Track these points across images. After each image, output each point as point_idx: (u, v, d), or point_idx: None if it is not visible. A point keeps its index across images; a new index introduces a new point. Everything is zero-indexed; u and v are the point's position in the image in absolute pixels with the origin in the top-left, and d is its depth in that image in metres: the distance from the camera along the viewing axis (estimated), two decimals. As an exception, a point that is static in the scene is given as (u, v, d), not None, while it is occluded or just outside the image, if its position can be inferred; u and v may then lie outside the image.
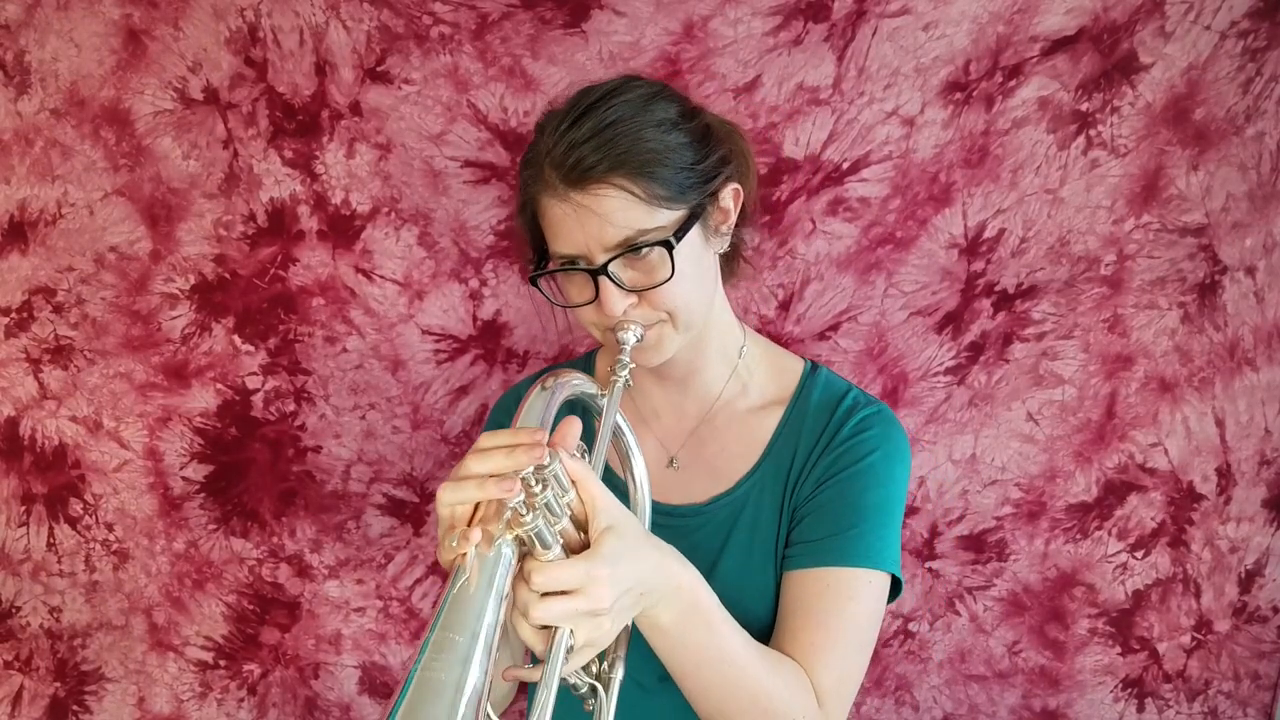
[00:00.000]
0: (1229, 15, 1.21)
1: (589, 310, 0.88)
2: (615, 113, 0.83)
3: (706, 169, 0.87)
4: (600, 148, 0.81)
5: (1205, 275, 1.30)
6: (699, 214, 0.87)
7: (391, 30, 1.22)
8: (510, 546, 0.65)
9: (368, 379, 1.35)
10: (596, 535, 0.70)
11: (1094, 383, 1.34)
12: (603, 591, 0.67)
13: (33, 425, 1.35)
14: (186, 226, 1.29)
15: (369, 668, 1.45)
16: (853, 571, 0.91)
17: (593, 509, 0.71)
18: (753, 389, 1.02)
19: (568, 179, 0.82)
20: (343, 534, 1.40)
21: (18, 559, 1.39)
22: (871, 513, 0.93)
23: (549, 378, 0.79)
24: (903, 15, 1.21)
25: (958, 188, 1.27)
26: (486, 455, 0.67)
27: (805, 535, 0.95)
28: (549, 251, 0.89)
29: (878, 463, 0.95)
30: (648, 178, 0.82)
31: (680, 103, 0.89)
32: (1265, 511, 1.39)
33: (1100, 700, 1.46)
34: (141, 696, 1.44)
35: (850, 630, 0.90)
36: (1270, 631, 1.44)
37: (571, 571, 0.66)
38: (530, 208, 0.89)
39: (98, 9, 1.22)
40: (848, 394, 1.00)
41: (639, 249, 0.83)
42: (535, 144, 0.88)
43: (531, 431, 0.69)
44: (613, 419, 0.82)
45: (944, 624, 1.44)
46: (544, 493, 0.66)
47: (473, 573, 0.63)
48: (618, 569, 0.68)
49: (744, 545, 0.98)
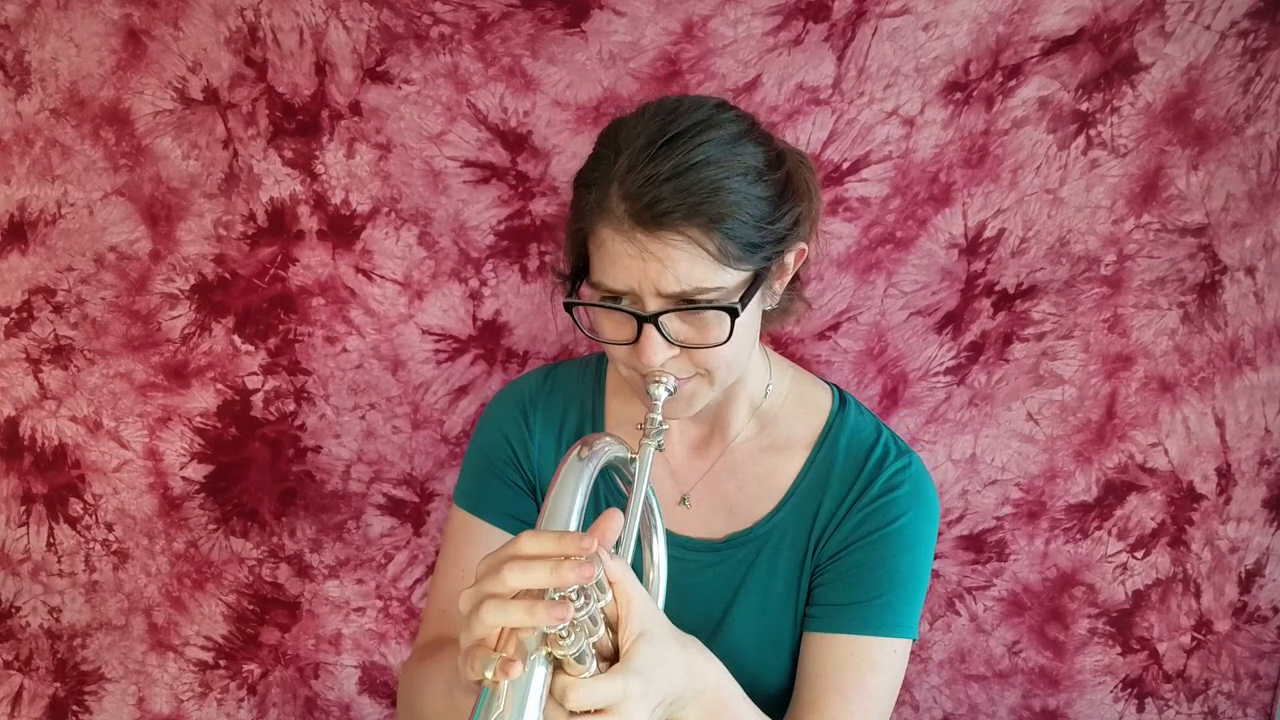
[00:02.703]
0: (1229, 15, 1.21)
1: (623, 350, 0.83)
2: (702, 153, 0.76)
3: (780, 229, 0.81)
4: (680, 191, 0.75)
5: (1205, 275, 1.30)
6: (763, 276, 0.82)
7: (391, 30, 1.22)
8: (545, 665, 0.60)
9: (368, 379, 1.35)
10: (629, 642, 0.65)
11: (1094, 383, 1.34)
12: (637, 708, 0.64)
13: (33, 425, 1.35)
14: (186, 226, 1.29)
15: (369, 668, 1.45)
16: (877, 641, 0.89)
17: (627, 612, 0.66)
18: (775, 427, 0.98)
19: (638, 217, 0.75)
20: (343, 534, 1.40)
21: (18, 559, 1.39)
22: (900, 579, 0.90)
23: (584, 447, 0.73)
24: (903, 15, 1.21)
25: (958, 188, 1.27)
26: (529, 567, 0.60)
27: (829, 599, 0.92)
28: (592, 279, 0.83)
29: (907, 526, 0.91)
30: (723, 234, 0.76)
31: (766, 146, 0.82)
32: (1265, 511, 1.39)
33: (1100, 700, 1.46)
34: (141, 696, 1.44)
35: (870, 702, 0.88)
36: (1270, 631, 1.44)
37: (608, 689, 0.62)
38: (584, 232, 0.82)
39: (98, 9, 1.22)
40: (878, 442, 0.96)
41: (699, 307, 0.78)
42: (603, 161, 0.80)
43: (578, 539, 0.61)
44: (644, 491, 0.77)
45: (944, 624, 1.44)
46: (585, 607, 0.61)
47: (506, 703, 0.58)
48: (651, 682, 0.65)
49: (761, 591, 0.95)
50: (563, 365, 1.09)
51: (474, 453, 1.05)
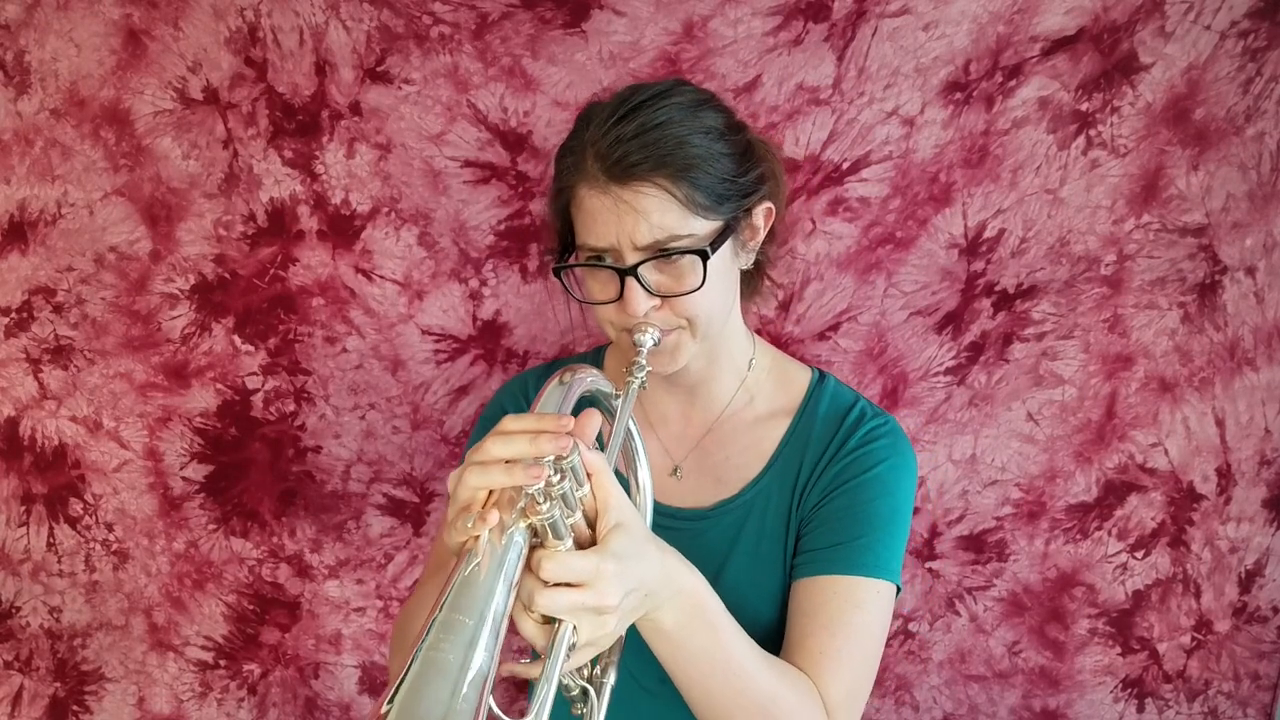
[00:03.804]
0: (1229, 15, 1.21)
1: (608, 309, 0.88)
2: (664, 114, 0.83)
3: (745, 184, 0.87)
4: (646, 146, 0.82)
5: (1205, 275, 1.30)
6: (733, 227, 0.88)
7: (391, 30, 1.22)
8: (523, 534, 0.65)
9: (368, 379, 1.35)
10: (606, 531, 0.69)
11: (1094, 383, 1.34)
12: (610, 587, 0.66)
13: (33, 425, 1.35)
14: (186, 226, 1.29)
15: (369, 668, 1.45)
16: (859, 580, 0.91)
17: (605, 504, 0.70)
18: (760, 399, 1.02)
19: (610, 171, 0.83)
20: (343, 534, 1.40)
21: (18, 559, 1.39)
22: (879, 522, 0.93)
23: (566, 372, 0.78)
24: (903, 15, 1.21)
25: (958, 188, 1.27)
26: (510, 439, 0.66)
27: (812, 544, 0.94)
28: (577, 244, 0.89)
29: (885, 473, 0.95)
30: (689, 183, 0.82)
31: (727, 114, 0.89)
32: (1265, 511, 1.39)
33: (1100, 700, 1.46)
34: (141, 696, 1.44)
35: (857, 639, 0.90)
36: (1270, 631, 1.44)
37: (582, 563, 0.66)
38: (565, 196, 0.88)
39: (98, 9, 1.22)
40: (855, 404, 1.00)
41: (671, 254, 0.84)
42: (577, 134, 0.88)
43: (557, 418, 0.68)
44: (626, 419, 0.81)
45: (944, 624, 1.44)
46: (561, 483, 0.65)
47: (484, 557, 0.62)
48: (626, 566, 0.68)
49: (750, 552, 0.98)
50: (564, 360, 1.13)
51: (477, 431, 1.11)
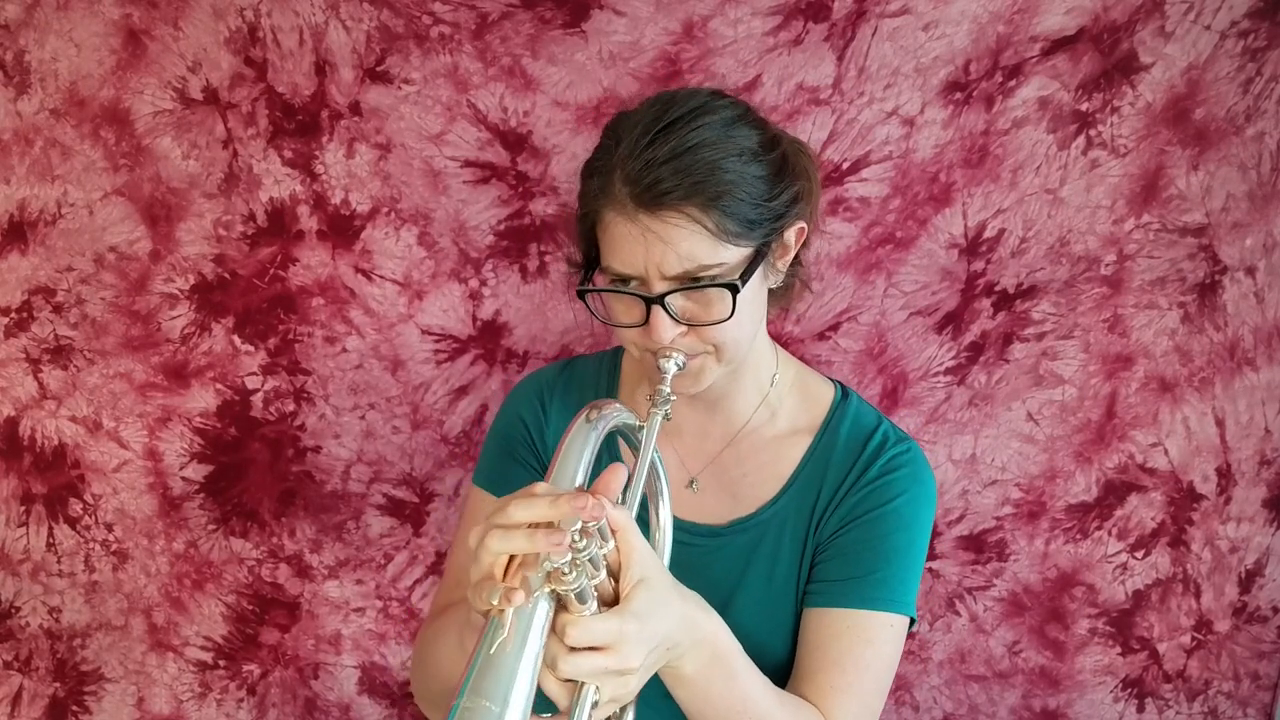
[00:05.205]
0: (1229, 15, 1.21)
1: (633, 332, 0.86)
2: (697, 135, 0.80)
3: (778, 206, 0.84)
4: (678, 172, 0.78)
5: (1205, 275, 1.30)
6: (764, 253, 0.85)
7: (391, 30, 1.22)
8: (548, 601, 0.64)
9: (367, 379, 1.35)
10: (629, 588, 0.68)
11: (1094, 383, 1.34)
12: (634, 650, 0.66)
13: (32, 425, 1.35)
14: (186, 226, 1.29)
15: (369, 668, 1.45)
16: (872, 615, 0.91)
17: (628, 559, 0.69)
18: (781, 416, 1.00)
19: (639, 199, 0.79)
20: (342, 534, 1.40)
21: (17, 559, 1.38)
22: (895, 556, 0.92)
23: (593, 409, 0.75)
24: (903, 15, 1.21)
25: (958, 188, 1.27)
26: (533, 502, 0.65)
27: (827, 575, 0.94)
28: (601, 264, 0.86)
29: (903, 506, 0.94)
30: (721, 211, 0.79)
31: (761, 130, 0.86)
32: (1265, 511, 1.39)
33: (1100, 700, 1.46)
34: (141, 697, 1.44)
35: (867, 675, 0.89)
36: (1270, 631, 1.44)
37: (605, 627, 0.65)
38: (591, 219, 0.85)
39: (98, 9, 1.22)
40: (877, 429, 0.98)
41: (701, 284, 0.81)
42: (606, 150, 0.84)
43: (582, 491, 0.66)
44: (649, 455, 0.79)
45: (944, 624, 1.44)
46: (587, 547, 0.64)
47: (509, 631, 0.61)
48: (648, 626, 0.67)
49: (764, 574, 0.97)
50: (581, 358, 1.11)
51: (493, 435, 1.09)
